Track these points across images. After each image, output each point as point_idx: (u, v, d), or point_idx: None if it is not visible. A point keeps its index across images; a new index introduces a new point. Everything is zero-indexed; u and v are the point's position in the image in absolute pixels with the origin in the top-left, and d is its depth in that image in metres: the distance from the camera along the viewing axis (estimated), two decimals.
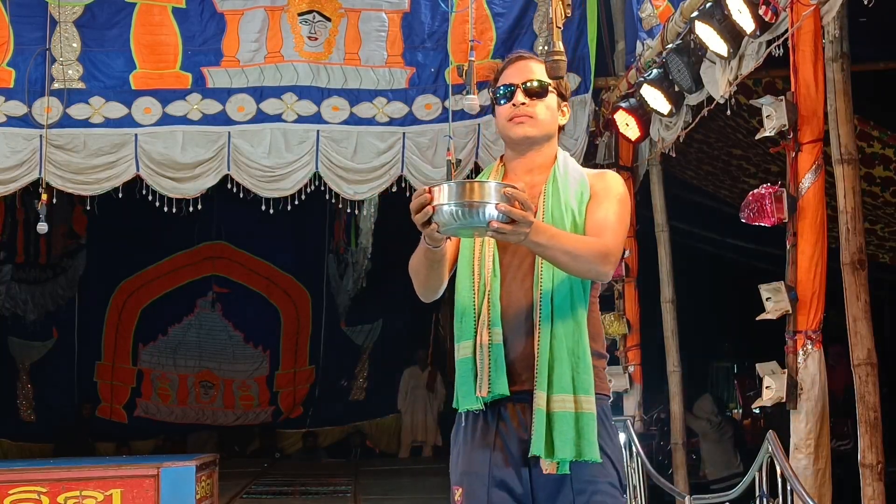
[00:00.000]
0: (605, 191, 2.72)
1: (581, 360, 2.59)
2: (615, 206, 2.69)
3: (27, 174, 7.29)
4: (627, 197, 2.76)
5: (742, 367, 11.56)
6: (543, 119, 2.79)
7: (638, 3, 6.82)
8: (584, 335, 2.61)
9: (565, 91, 2.87)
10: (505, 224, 2.33)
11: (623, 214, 2.70)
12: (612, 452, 2.63)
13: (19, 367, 13.16)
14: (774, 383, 4.52)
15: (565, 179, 2.74)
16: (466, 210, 2.33)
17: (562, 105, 2.85)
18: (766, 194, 4.62)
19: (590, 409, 2.57)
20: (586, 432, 2.56)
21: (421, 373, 13.82)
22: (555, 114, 2.82)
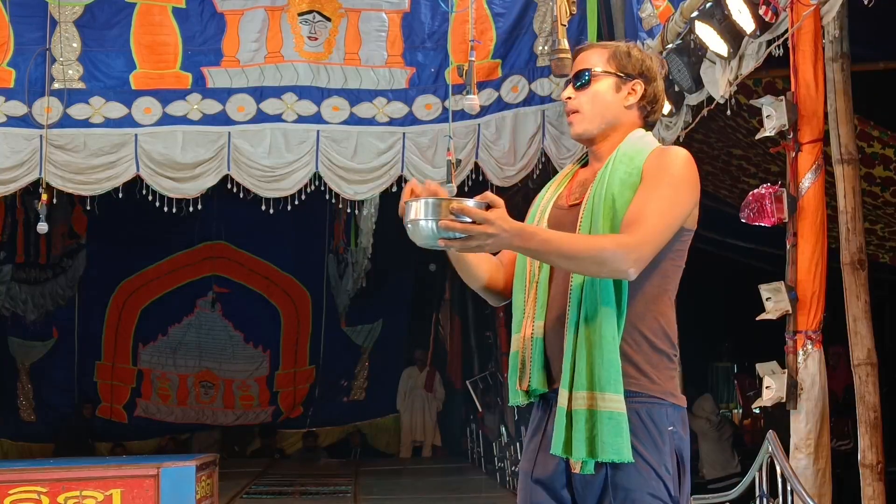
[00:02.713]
0: (655, 171, 2.49)
1: (602, 357, 2.42)
2: (661, 189, 2.45)
3: (27, 174, 7.29)
4: (686, 174, 2.51)
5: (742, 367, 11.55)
6: (590, 111, 2.59)
7: (638, 3, 6.82)
8: (611, 331, 2.42)
9: (630, 67, 2.60)
10: (454, 240, 2.28)
11: (670, 198, 2.45)
12: (656, 460, 2.42)
13: (19, 367, 13.17)
14: (774, 383, 4.52)
15: (616, 164, 2.54)
16: (412, 228, 2.33)
17: (624, 85, 2.59)
18: (766, 194, 4.62)
19: (610, 407, 2.40)
20: (603, 431, 2.40)
21: (419, 373, 13.83)
22: (609, 99, 2.59)
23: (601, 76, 2.60)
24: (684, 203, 2.50)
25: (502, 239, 2.28)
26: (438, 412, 13.85)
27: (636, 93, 2.60)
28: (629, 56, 2.61)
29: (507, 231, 2.28)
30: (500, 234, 2.27)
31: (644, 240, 2.38)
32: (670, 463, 2.44)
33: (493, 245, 2.29)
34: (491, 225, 2.25)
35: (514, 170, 7.66)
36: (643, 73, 2.61)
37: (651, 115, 2.65)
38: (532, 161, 7.64)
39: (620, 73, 2.59)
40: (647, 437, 2.43)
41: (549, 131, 7.61)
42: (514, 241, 2.30)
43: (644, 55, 2.64)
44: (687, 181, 2.51)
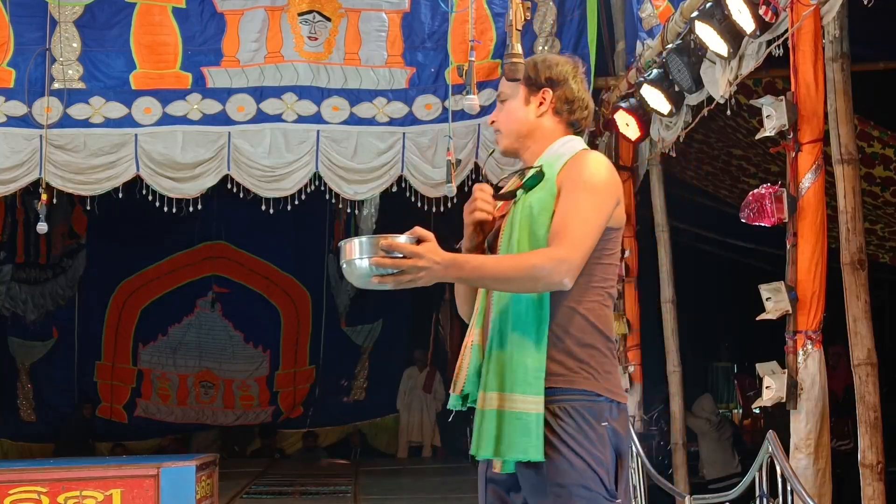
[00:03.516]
0: (571, 180, 2.58)
1: (511, 359, 2.53)
2: (579, 197, 2.54)
3: (27, 174, 7.29)
4: (600, 177, 2.58)
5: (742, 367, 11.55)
6: (506, 128, 2.77)
7: (638, 3, 6.82)
8: (524, 333, 2.53)
9: (536, 77, 2.73)
10: (387, 276, 2.38)
11: (590, 203, 2.53)
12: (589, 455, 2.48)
13: (19, 367, 13.16)
14: (774, 383, 4.52)
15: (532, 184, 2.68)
16: (347, 269, 2.42)
17: (534, 97, 2.72)
18: (766, 194, 4.62)
19: (518, 407, 2.49)
20: (509, 431, 2.50)
21: (419, 373, 13.84)
22: (521, 114, 2.74)
23: (512, 93, 2.75)
24: (604, 205, 2.57)
25: (434, 271, 2.38)
26: (437, 412, 13.84)
27: (546, 100, 2.72)
28: (535, 68, 2.73)
29: (439, 263, 2.38)
30: (432, 267, 2.37)
31: (572, 250, 2.48)
32: (607, 457, 2.50)
33: (425, 278, 2.39)
34: (421, 258, 2.36)
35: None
36: (550, 79, 2.72)
37: (571, 115, 2.74)
38: None
39: (528, 85, 2.72)
40: (579, 432, 2.48)
41: None
42: (448, 272, 2.41)
43: (551, 62, 2.74)
44: (603, 184, 2.58)
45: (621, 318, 7.44)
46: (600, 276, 2.59)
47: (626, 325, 7.41)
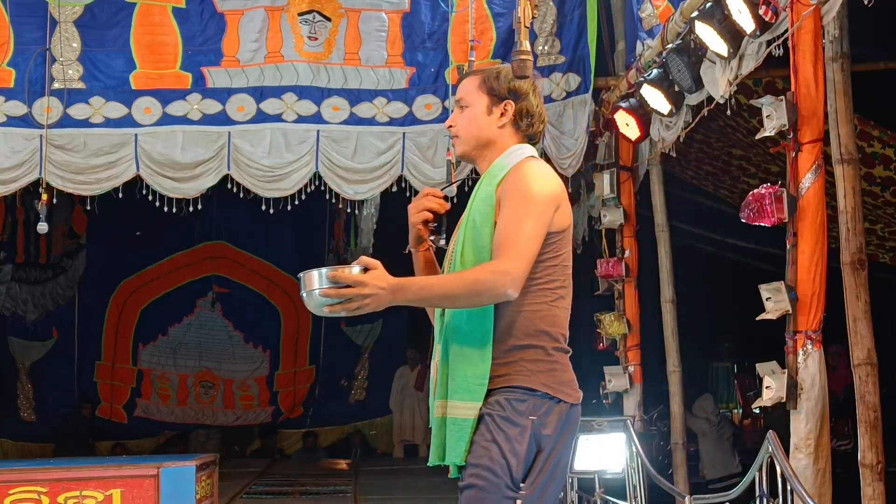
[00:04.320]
0: (510, 191, 2.68)
1: (454, 367, 2.65)
2: (518, 207, 2.64)
3: (27, 174, 7.29)
4: (536, 186, 2.66)
5: (742, 367, 11.55)
6: (466, 134, 2.85)
7: (638, 3, 6.82)
8: (466, 341, 2.64)
9: (499, 88, 2.84)
10: (336, 305, 2.50)
11: (528, 214, 2.63)
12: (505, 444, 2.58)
13: (19, 367, 13.16)
14: (774, 383, 4.52)
15: (481, 185, 2.79)
16: (306, 299, 2.54)
17: (496, 107, 2.83)
18: (766, 194, 4.62)
19: (455, 413, 2.63)
20: (449, 437, 2.65)
21: (410, 372, 13.84)
22: (482, 122, 2.83)
23: (473, 101, 2.84)
24: (542, 214, 2.65)
25: (380, 297, 2.50)
26: None
27: (507, 112, 2.83)
28: (498, 78, 2.86)
29: (384, 289, 2.50)
30: (377, 293, 2.50)
31: (513, 261, 2.58)
32: (522, 449, 2.59)
33: (372, 304, 2.51)
34: (364, 286, 2.48)
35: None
36: (512, 91, 2.85)
37: (529, 128, 2.86)
38: None
39: (491, 95, 2.83)
40: (502, 421, 2.59)
41: (548, 131, 7.60)
42: (395, 296, 2.53)
43: (513, 75, 2.88)
44: (540, 193, 2.67)
45: (621, 318, 7.44)
46: (545, 277, 2.69)
47: (626, 325, 7.42)
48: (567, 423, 2.68)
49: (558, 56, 7.48)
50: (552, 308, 2.72)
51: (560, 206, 2.71)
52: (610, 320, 7.43)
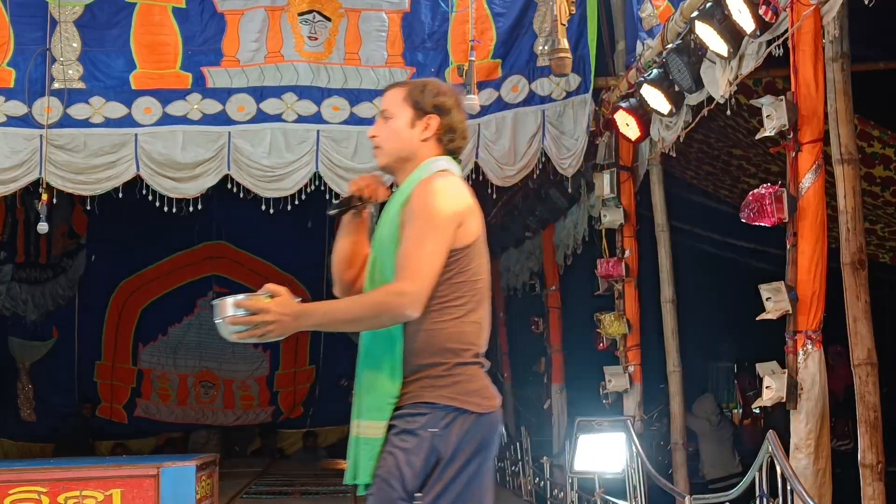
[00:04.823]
0: (409, 214, 2.72)
1: (365, 387, 2.74)
2: (417, 226, 2.68)
3: (27, 174, 7.28)
4: (435, 207, 2.69)
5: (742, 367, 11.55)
6: (388, 146, 2.89)
7: (638, 3, 6.82)
8: (375, 361, 2.72)
9: (424, 103, 2.86)
10: (244, 332, 2.58)
11: (427, 234, 2.66)
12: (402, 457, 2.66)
13: (19, 367, 13.17)
14: (774, 383, 4.52)
15: (393, 199, 2.83)
16: (219, 327, 2.62)
17: (419, 121, 2.85)
18: (766, 194, 4.62)
19: (365, 433, 2.71)
20: (360, 456, 2.71)
21: None
22: (405, 135, 2.86)
23: (397, 113, 2.87)
24: (442, 232, 2.69)
25: (284, 323, 2.58)
26: None
27: (431, 127, 2.85)
28: (423, 93, 2.87)
29: (287, 315, 2.58)
30: (281, 320, 2.57)
31: (412, 282, 2.63)
32: (419, 461, 2.65)
33: (276, 330, 2.58)
34: (267, 313, 2.56)
35: (514, 170, 7.66)
36: (437, 107, 2.86)
37: (451, 143, 2.90)
38: (532, 161, 7.63)
39: (415, 109, 2.85)
40: (401, 435, 2.67)
41: (549, 131, 7.60)
42: (299, 322, 2.60)
43: (439, 90, 2.89)
44: (439, 211, 2.70)
45: (621, 318, 7.44)
46: (451, 295, 2.72)
47: (626, 325, 7.41)
48: (475, 431, 2.70)
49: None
50: (459, 324, 2.74)
51: (463, 223, 2.74)
52: (610, 320, 7.43)
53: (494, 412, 2.76)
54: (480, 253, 2.81)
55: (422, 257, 2.65)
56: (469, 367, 2.75)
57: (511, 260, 11.71)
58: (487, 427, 2.73)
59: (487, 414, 2.73)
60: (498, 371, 12.83)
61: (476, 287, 2.78)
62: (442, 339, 2.71)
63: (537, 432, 10.50)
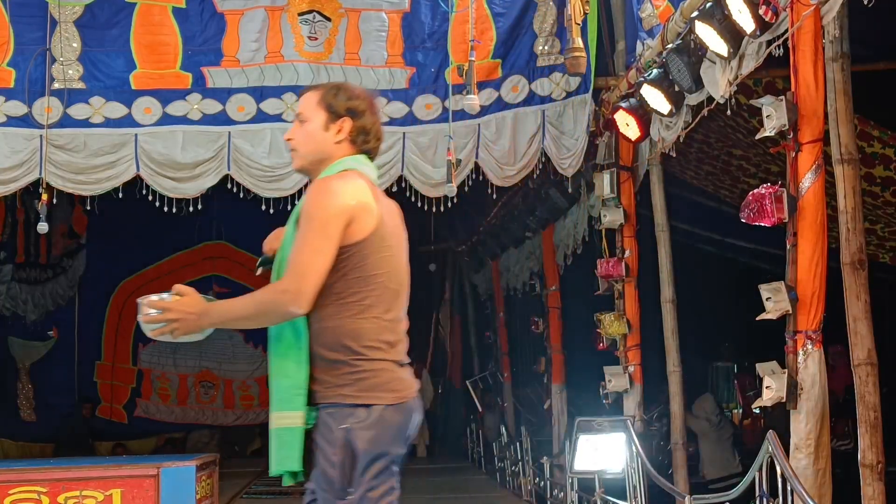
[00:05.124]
0: (301, 215, 2.82)
1: (274, 380, 2.83)
2: (304, 226, 2.78)
3: (27, 174, 7.28)
4: (321, 206, 2.78)
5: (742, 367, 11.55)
6: (303, 148, 2.97)
7: (638, 3, 6.82)
8: (283, 356, 2.82)
9: (337, 106, 2.94)
10: (156, 330, 2.76)
11: (313, 233, 2.75)
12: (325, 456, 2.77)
13: (19, 367, 13.17)
14: (774, 383, 4.52)
15: (293, 213, 2.89)
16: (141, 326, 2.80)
17: (333, 124, 2.94)
18: (766, 194, 4.62)
19: (279, 424, 2.81)
20: (276, 446, 2.83)
21: None
22: (319, 137, 2.94)
23: (312, 117, 2.95)
24: (329, 230, 2.76)
25: (189, 321, 2.74)
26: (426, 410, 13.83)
27: (344, 129, 2.95)
28: (336, 97, 2.95)
29: (192, 313, 2.74)
30: (185, 318, 2.74)
31: (295, 280, 2.74)
32: (339, 458, 2.75)
33: (182, 328, 2.75)
34: (171, 312, 2.73)
35: (514, 169, 7.66)
36: (350, 110, 2.95)
37: (364, 144, 3.01)
38: (532, 161, 7.64)
39: (329, 112, 2.94)
40: (322, 438, 2.77)
41: (548, 131, 7.60)
42: (202, 321, 2.76)
43: (352, 93, 2.99)
44: (325, 210, 2.78)
45: (621, 318, 7.44)
46: (348, 291, 2.80)
47: (626, 325, 7.41)
48: (384, 424, 2.79)
49: (558, 56, 7.47)
50: (356, 321, 2.80)
51: (355, 220, 2.80)
52: (610, 320, 7.43)
53: (404, 403, 2.83)
54: (379, 248, 2.85)
55: (304, 256, 2.75)
56: (373, 363, 2.80)
57: (511, 260, 11.71)
58: (398, 418, 2.82)
59: (396, 405, 2.81)
60: (498, 371, 12.84)
61: (375, 282, 2.83)
62: (341, 334, 2.79)
63: (537, 432, 10.51)
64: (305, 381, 2.78)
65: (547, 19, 7.55)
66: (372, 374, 2.80)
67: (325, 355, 2.80)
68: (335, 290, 2.79)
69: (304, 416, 2.78)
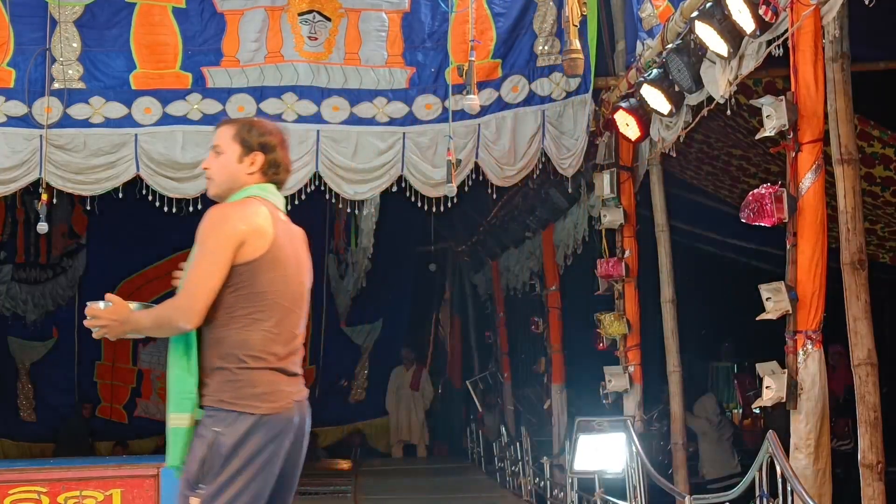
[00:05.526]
0: (196, 240, 3.14)
1: (170, 384, 3.14)
2: (197, 253, 3.11)
3: (27, 174, 7.28)
4: (210, 231, 3.10)
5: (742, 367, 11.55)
6: (218, 178, 3.29)
7: (638, 3, 6.82)
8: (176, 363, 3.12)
9: (251, 141, 3.25)
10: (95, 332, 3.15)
11: (202, 255, 3.09)
12: (190, 455, 3.08)
13: (19, 367, 13.17)
14: (774, 383, 4.52)
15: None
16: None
17: (246, 157, 3.25)
18: (766, 194, 4.62)
19: (175, 424, 3.12)
20: (169, 444, 3.14)
21: (405, 371, 13.85)
22: (233, 168, 3.25)
23: (227, 149, 3.27)
24: (217, 252, 3.09)
25: (112, 327, 3.11)
26: (426, 410, 13.86)
27: (256, 163, 3.27)
28: (250, 132, 3.28)
29: (116, 320, 3.10)
30: (110, 324, 3.10)
31: (185, 298, 3.09)
32: (200, 453, 3.05)
33: (110, 332, 3.12)
34: (99, 320, 3.10)
35: (514, 170, 7.66)
36: (262, 145, 3.28)
37: (275, 176, 3.33)
38: (532, 161, 7.64)
39: (243, 146, 3.26)
40: (198, 434, 3.08)
41: (549, 131, 7.60)
42: (125, 327, 3.12)
43: (265, 129, 3.32)
44: (214, 234, 3.12)
45: (621, 318, 7.44)
46: (238, 305, 3.10)
47: (626, 325, 7.41)
48: (255, 432, 3.04)
49: (558, 56, 7.47)
50: (243, 333, 3.09)
51: (246, 242, 3.10)
52: (610, 320, 7.43)
53: (279, 414, 3.08)
54: (271, 269, 3.13)
55: (195, 277, 3.08)
56: (254, 373, 3.08)
57: (511, 260, 11.71)
58: (271, 428, 3.06)
59: (270, 416, 3.06)
60: (499, 371, 12.85)
61: (266, 298, 3.11)
62: (228, 345, 3.08)
63: (537, 432, 10.51)
64: (195, 387, 3.09)
65: (547, 19, 7.55)
66: (250, 383, 3.07)
67: (214, 363, 3.09)
68: (226, 304, 3.09)
69: (192, 417, 3.09)
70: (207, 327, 3.10)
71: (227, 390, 3.07)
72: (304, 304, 3.25)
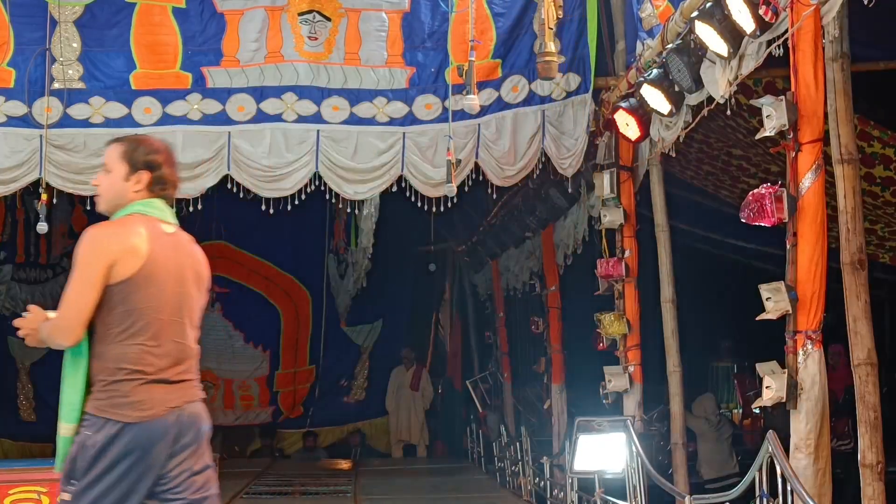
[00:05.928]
0: (73, 261, 3.33)
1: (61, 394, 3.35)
2: (71, 273, 3.31)
3: (27, 174, 7.28)
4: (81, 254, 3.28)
5: (742, 367, 11.56)
6: (105, 195, 3.47)
7: (638, 3, 6.82)
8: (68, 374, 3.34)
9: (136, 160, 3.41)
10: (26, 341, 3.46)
11: (75, 277, 3.29)
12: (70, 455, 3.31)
13: (19, 367, 13.17)
14: (774, 383, 4.52)
15: None
16: None
17: (133, 176, 3.41)
18: (766, 194, 4.62)
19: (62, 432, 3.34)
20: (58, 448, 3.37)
21: (405, 372, 13.85)
22: (119, 186, 3.42)
23: (114, 168, 3.43)
24: (88, 274, 3.28)
25: (31, 335, 3.42)
26: (426, 410, 13.86)
27: (142, 181, 3.43)
28: (136, 151, 3.44)
29: (33, 329, 3.41)
30: (29, 332, 3.42)
31: (62, 318, 3.32)
32: (73, 454, 3.30)
33: (29, 340, 3.43)
34: (23, 328, 3.44)
35: (514, 170, 7.66)
36: (148, 163, 3.43)
37: (162, 192, 3.49)
38: (532, 161, 7.64)
39: (129, 165, 3.42)
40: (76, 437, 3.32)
41: (549, 131, 7.60)
42: (38, 335, 3.39)
43: (151, 149, 3.47)
44: (84, 257, 3.29)
45: (621, 318, 7.44)
46: (114, 322, 3.30)
47: (626, 325, 7.41)
48: (122, 438, 3.25)
49: (558, 56, 7.47)
50: (121, 347, 3.30)
51: (117, 262, 3.27)
52: (610, 320, 7.42)
53: (147, 423, 3.27)
54: (146, 286, 3.31)
55: (69, 297, 3.30)
56: (126, 384, 3.28)
57: (511, 260, 11.71)
58: (137, 434, 3.26)
59: (137, 423, 3.26)
60: (498, 371, 12.84)
61: (142, 314, 3.31)
62: (107, 359, 3.29)
63: (537, 432, 10.51)
64: (80, 399, 3.32)
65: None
66: (122, 394, 3.28)
67: (96, 375, 3.31)
68: (105, 322, 3.29)
69: (76, 427, 3.31)
70: (93, 342, 3.32)
71: (102, 399, 3.29)
72: (190, 313, 3.46)
